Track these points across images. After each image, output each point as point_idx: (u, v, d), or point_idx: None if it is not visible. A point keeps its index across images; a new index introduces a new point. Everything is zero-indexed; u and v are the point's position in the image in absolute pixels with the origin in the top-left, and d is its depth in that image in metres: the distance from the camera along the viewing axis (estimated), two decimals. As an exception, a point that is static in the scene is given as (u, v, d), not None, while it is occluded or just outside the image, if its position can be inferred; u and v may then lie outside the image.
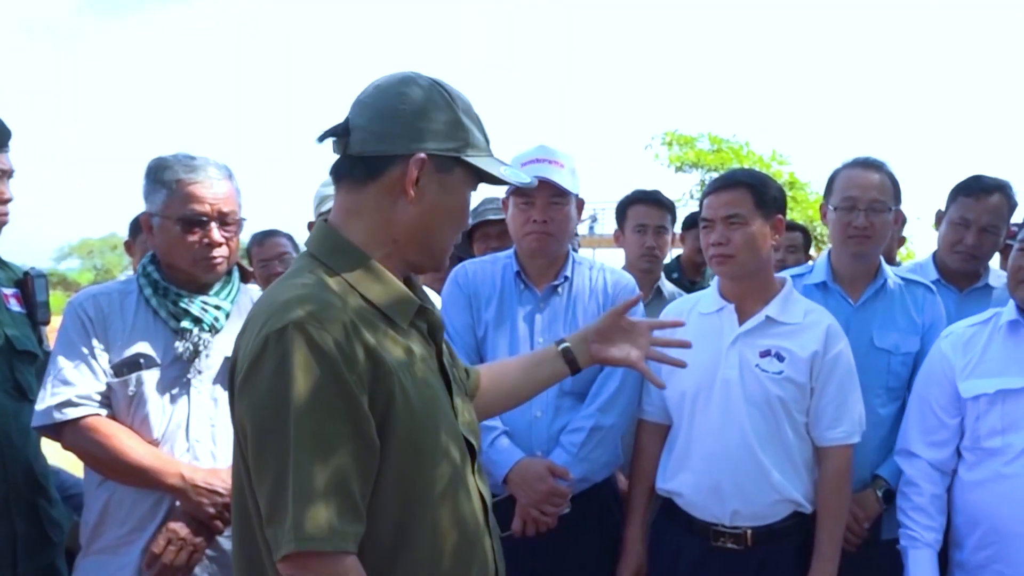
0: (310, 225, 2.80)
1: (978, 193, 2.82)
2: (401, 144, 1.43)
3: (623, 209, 3.50)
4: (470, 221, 3.49)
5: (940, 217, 2.96)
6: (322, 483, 1.29)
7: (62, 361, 2.02)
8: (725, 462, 2.25)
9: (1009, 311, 2.28)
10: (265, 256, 3.62)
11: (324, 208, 2.67)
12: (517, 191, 2.45)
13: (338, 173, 1.50)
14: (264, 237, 3.69)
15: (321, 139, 1.50)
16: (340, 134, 1.48)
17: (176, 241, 2.08)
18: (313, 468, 1.29)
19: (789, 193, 17.35)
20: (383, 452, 1.38)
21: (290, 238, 3.66)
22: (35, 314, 2.40)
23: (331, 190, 2.58)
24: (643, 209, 3.41)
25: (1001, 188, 2.83)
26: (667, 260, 4.46)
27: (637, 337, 1.93)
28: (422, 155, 1.43)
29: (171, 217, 2.07)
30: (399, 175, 1.44)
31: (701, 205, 2.37)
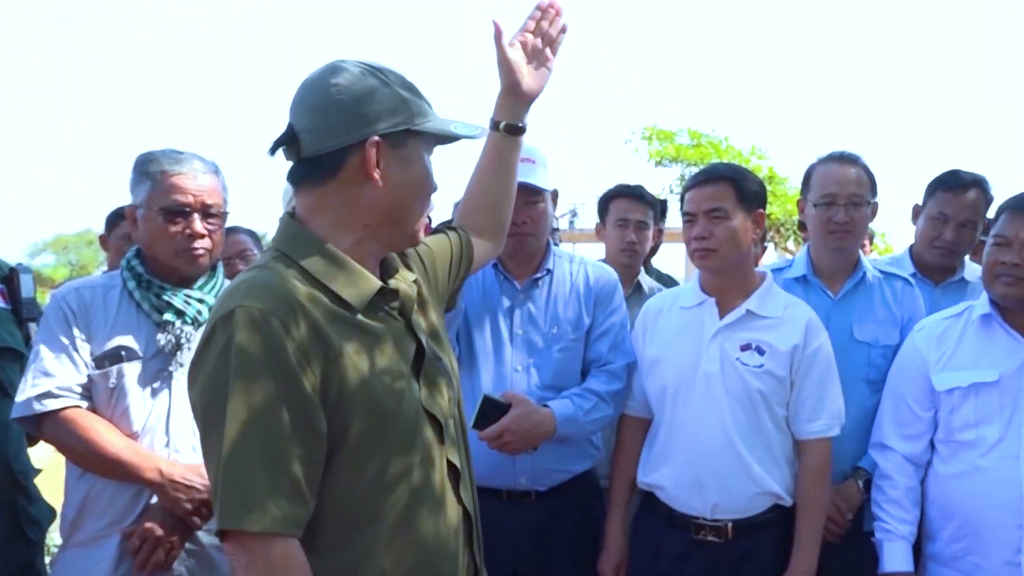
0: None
1: (956, 188, 2.85)
2: (351, 134, 1.43)
3: (605, 203, 3.49)
4: (451, 216, 3.51)
5: (917, 211, 2.99)
6: (255, 463, 1.29)
7: (43, 353, 2.01)
8: (706, 455, 2.27)
9: (982, 305, 2.31)
10: (227, 254, 3.55)
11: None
12: None
13: (295, 178, 1.50)
14: (226, 234, 3.64)
15: (272, 152, 1.50)
16: (288, 142, 1.48)
17: (159, 232, 2.08)
18: (247, 448, 1.29)
19: (768, 188, 17.42)
20: (340, 438, 1.39)
21: (252, 234, 3.61)
22: (20, 311, 2.38)
23: None
24: (625, 203, 3.40)
25: (978, 183, 2.86)
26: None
27: (534, 51, 1.89)
28: (375, 138, 1.43)
29: (154, 208, 2.07)
30: (359, 164, 1.43)
31: (682, 199, 2.38)
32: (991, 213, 2.89)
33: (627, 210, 3.37)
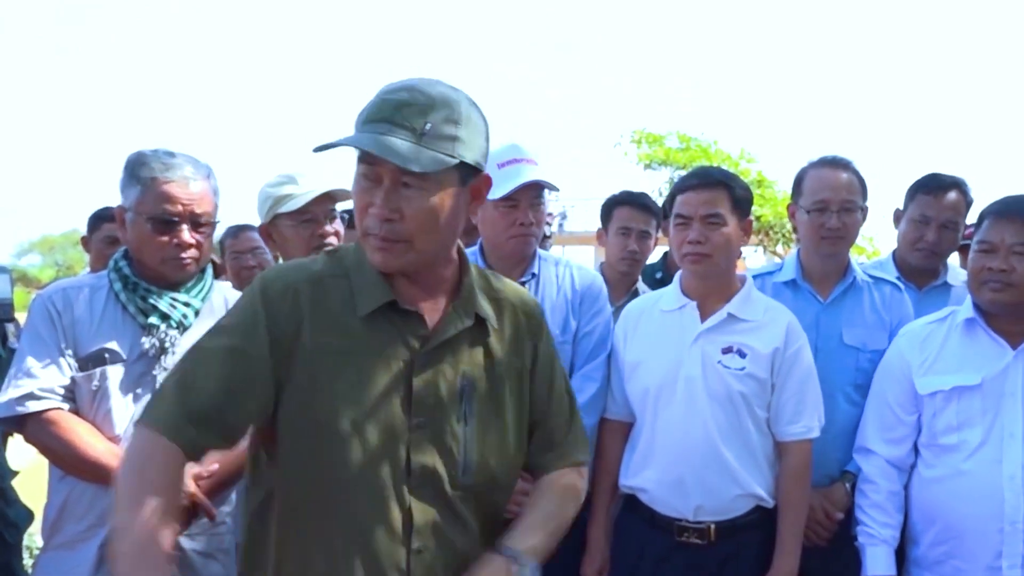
0: (260, 229, 2.71)
1: (936, 191, 2.87)
2: None
3: (608, 209, 3.45)
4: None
5: (899, 216, 3.00)
6: (179, 378, 1.43)
7: (27, 353, 2.00)
8: (688, 458, 2.27)
9: (966, 309, 2.31)
10: (238, 249, 3.73)
11: (279, 209, 2.59)
12: (502, 197, 2.39)
13: None
14: (239, 231, 3.80)
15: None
16: None
17: (146, 239, 2.07)
18: (184, 368, 1.44)
19: (757, 191, 17.50)
20: (286, 418, 1.45)
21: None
22: None
23: (278, 191, 2.54)
24: (629, 212, 3.37)
25: (958, 185, 2.89)
26: (653, 260, 4.44)
27: None
28: None
29: (143, 214, 2.06)
30: None
31: (672, 201, 2.37)
32: (971, 217, 2.92)
33: (630, 219, 3.34)
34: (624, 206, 3.39)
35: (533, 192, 2.41)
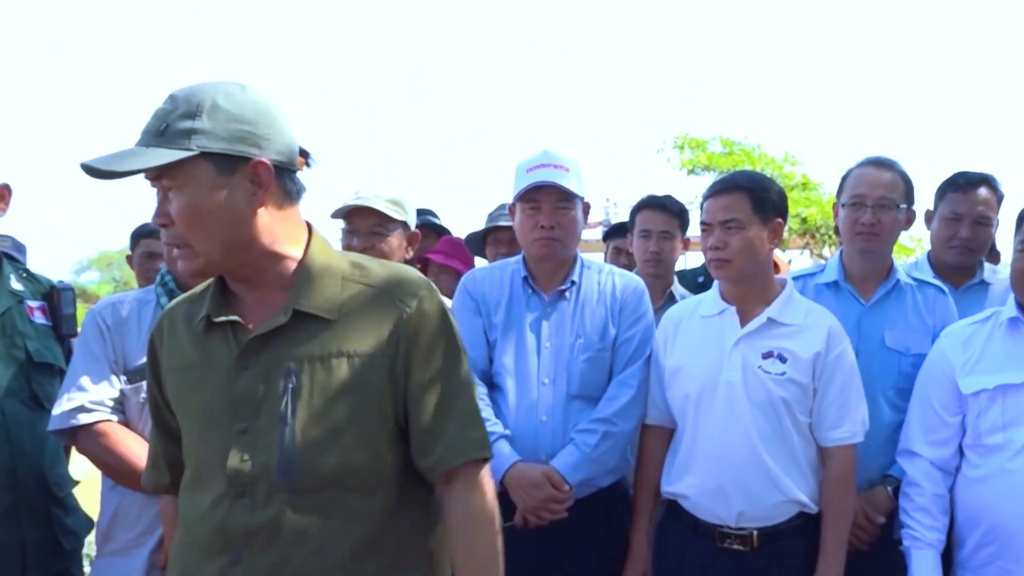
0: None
1: (965, 187, 2.84)
2: None
3: (633, 215, 3.50)
4: (484, 225, 3.59)
5: (930, 216, 2.97)
6: None
7: (79, 367, 2.07)
8: (730, 464, 2.26)
9: (1009, 308, 2.28)
10: None
11: None
12: (524, 197, 2.46)
13: None
14: None
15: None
16: None
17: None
18: None
19: (803, 193, 17.24)
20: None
21: None
22: (60, 327, 2.44)
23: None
24: (647, 215, 3.39)
25: (986, 180, 2.86)
26: (695, 265, 4.42)
27: None
28: None
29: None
30: None
31: (702, 208, 2.39)
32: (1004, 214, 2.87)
33: (649, 221, 3.37)
34: (643, 210, 3.42)
35: (557, 197, 2.44)
